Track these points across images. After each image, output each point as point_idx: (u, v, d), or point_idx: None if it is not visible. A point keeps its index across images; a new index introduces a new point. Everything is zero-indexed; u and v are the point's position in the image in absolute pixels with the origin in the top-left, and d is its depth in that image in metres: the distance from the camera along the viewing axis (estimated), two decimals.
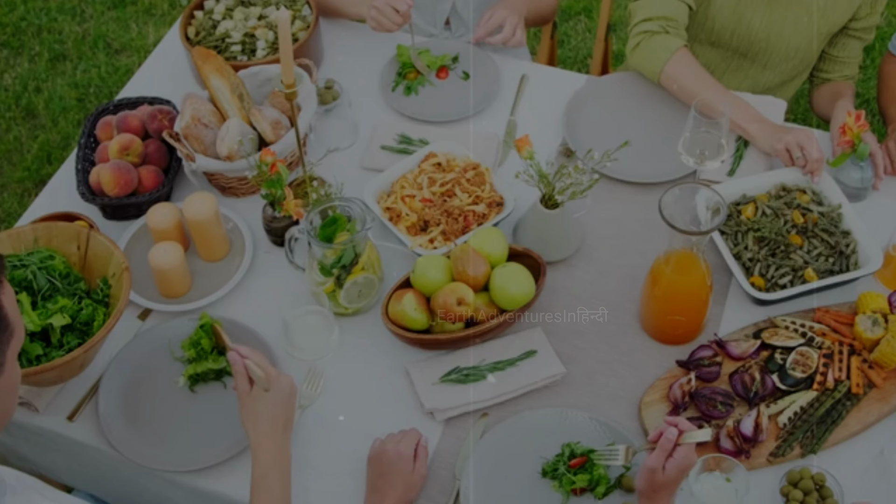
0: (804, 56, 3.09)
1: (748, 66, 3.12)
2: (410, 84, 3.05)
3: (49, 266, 2.41)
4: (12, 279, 2.36)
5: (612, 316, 2.56)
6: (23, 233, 2.48)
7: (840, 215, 2.66)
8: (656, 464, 2.06)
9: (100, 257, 2.47)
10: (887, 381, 2.43)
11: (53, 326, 2.34)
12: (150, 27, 5.04)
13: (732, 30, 3.04)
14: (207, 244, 2.65)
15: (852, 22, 3.06)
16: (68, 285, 2.42)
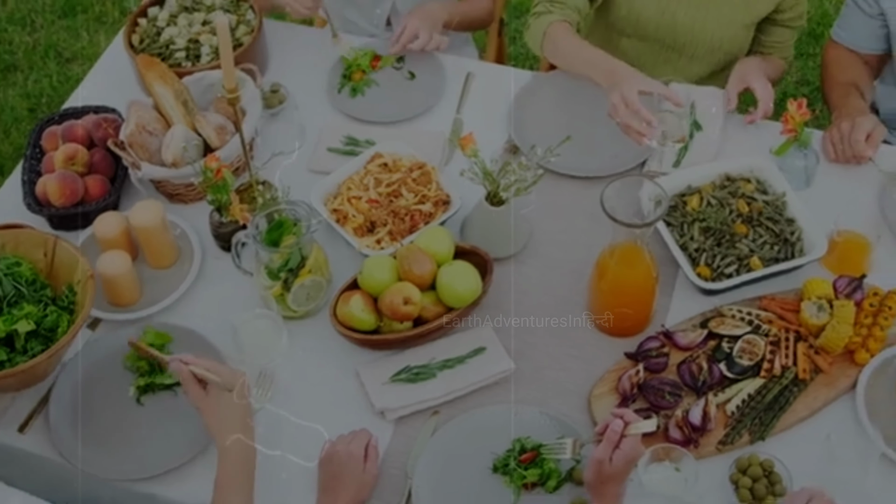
0: (729, 48, 3.12)
1: (676, 59, 3.15)
2: (356, 85, 3.05)
3: (15, 273, 2.40)
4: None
5: (561, 310, 2.57)
6: None
7: (784, 203, 2.68)
8: (603, 456, 2.07)
9: (65, 265, 2.46)
10: (833, 366, 2.45)
11: (18, 332, 2.33)
12: (101, 35, 5.01)
13: (657, 23, 3.07)
14: (155, 252, 2.64)
15: (778, 14, 3.09)
16: (34, 292, 2.41)
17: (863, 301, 2.50)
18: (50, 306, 2.41)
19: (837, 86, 3.09)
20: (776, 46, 3.18)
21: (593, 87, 2.99)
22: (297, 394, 2.46)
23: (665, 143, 2.64)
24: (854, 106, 2.96)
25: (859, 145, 2.77)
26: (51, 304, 2.42)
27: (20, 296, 2.39)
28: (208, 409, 2.16)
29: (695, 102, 2.92)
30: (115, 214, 2.65)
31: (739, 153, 2.83)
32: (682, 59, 3.14)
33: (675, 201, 2.68)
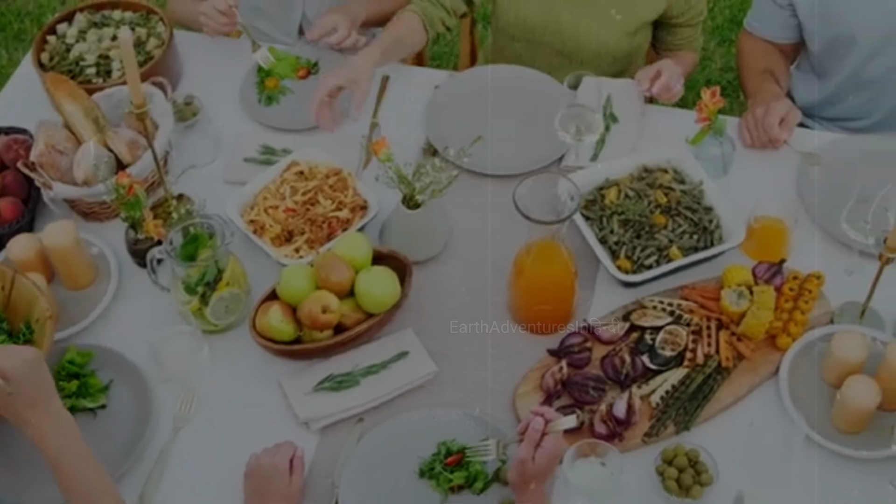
0: (616, 53, 3.14)
1: (567, 64, 3.15)
2: (271, 94, 3.03)
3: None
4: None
5: (483, 310, 2.56)
6: None
7: (702, 192, 2.68)
8: (526, 455, 2.06)
9: (24, 300, 2.41)
10: (756, 352, 2.46)
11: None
12: (20, 53, 4.95)
13: (544, 27, 3.09)
14: (71, 272, 2.61)
15: (673, 19, 3.12)
16: None
17: (783, 286, 2.52)
18: (7, 341, 2.36)
19: (753, 74, 3.12)
20: (682, 44, 3.21)
21: (510, 84, 3.01)
22: (221, 408, 2.44)
23: (581, 138, 2.63)
24: (769, 91, 2.98)
25: (773, 129, 2.79)
26: (7, 339, 2.37)
27: None
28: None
29: (611, 95, 2.93)
30: (28, 236, 2.61)
31: (656, 144, 2.84)
32: (573, 63, 3.14)
33: (593, 195, 2.68)
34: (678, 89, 2.88)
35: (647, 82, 2.86)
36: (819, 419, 2.35)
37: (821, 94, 3.19)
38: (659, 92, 2.85)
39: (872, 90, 3.08)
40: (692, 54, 3.26)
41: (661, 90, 2.84)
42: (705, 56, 4.90)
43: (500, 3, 3.15)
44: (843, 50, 3.03)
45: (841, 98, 3.15)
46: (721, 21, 5.04)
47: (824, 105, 3.20)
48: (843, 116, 3.17)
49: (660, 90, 2.84)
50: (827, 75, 3.14)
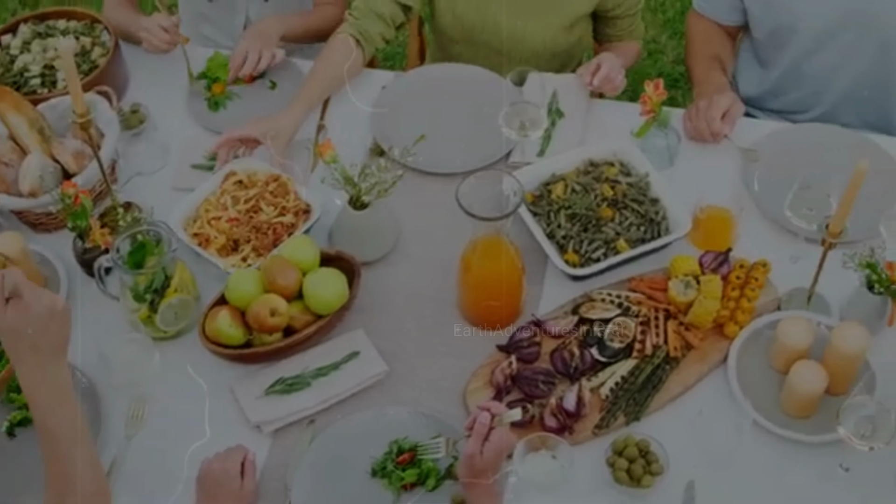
0: (554, 50, 3.16)
1: (507, 62, 3.16)
2: (217, 99, 3.03)
3: None
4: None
5: (432, 308, 2.58)
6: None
7: (648, 184, 2.70)
8: (474, 450, 2.08)
9: None
10: (704, 341, 2.48)
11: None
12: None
13: (482, 27, 3.10)
14: None
15: (610, 11, 3.14)
16: None
17: (729, 274, 2.54)
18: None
19: (701, 59, 3.13)
20: (623, 34, 3.23)
21: (453, 83, 3.02)
22: (172, 414, 2.44)
23: (526, 134, 2.64)
24: (715, 83, 3.00)
25: (715, 123, 2.81)
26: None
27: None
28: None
29: (556, 91, 2.95)
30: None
31: (602, 138, 2.85)
32: (513, 62, 3.16)
33: (540, 190, 2.69)
34: (620, 80, 2.90)
35: (589, 76, 2.88)
36: (768, 405, 2.38)
37: (764, 85, 3.22)
38: (600, 84, 2.86)
39: (812, 85, 3.11)
40: (635, 43, 3.28)
41: (603, 82, 2.86)
42: (657, 49, 4.92)
43: (438, 5, 3.16)
44: (785, 40, 3.05)
45: (783, 91, 3.17)
46: (672, 14, 5.06)
47: (767, 97, 3.23)
48: (786, 109, 3.19)
49: (601, 82, 2.86)
50: (769, 66, 3.16)
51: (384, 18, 3.04)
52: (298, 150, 2.87)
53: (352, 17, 3.05)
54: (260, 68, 3.05)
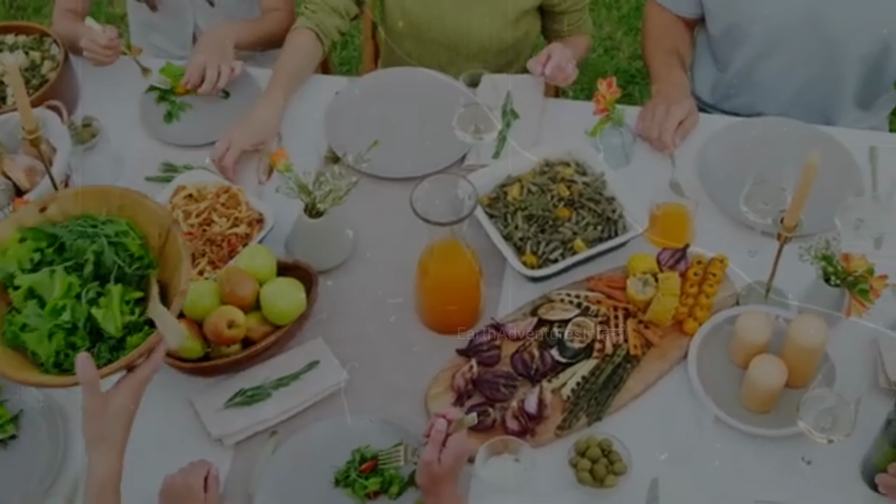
0: (500, 45, 3.16)
1: (456, 59, 3.17)
2: (171, 110, 3.01)
3: (122, 243, 2.08)
4: (69, 249, 2.07)
5: (392, 314, 2.57)
6: (111, 194, 2.17)
7: (604, 182, 2.70)
8: (431, 457, 2.07)
9: (170, 261, 2.12)
10: (664, 338, 2.48)
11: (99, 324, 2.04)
12: None
13: (429, 23, 3.10)
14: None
15: (556, 6, 3.14)
16: (138, 269, 2.10)
17: (687, 271, 2.54)
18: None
19: (659, 52, 3.12)
20: (572, 29, 3.23)
21: (407, 87, 3.01)
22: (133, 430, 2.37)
23: (480, 137, 2.64)
24: (675, 81, 3.00)
25: (667, 135, 2.83)
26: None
27: (121, 276, 2.07)
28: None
29: (510, 91, 2.94)
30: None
31: (557, 138, 2.85)
32: (461, 58, 3.16)
33: (496, 192, 2.69)
34: (571, 69, 2.89)
35: (539, 66, 2.87)
36: (729, 401, 2.38)
37: (718, 88, 3.22)
38: (552, 74, 2.85)
39: (759, 91, 3.12)
40: (584, 38, 3.28)
41: (555, 72, 2.85)
42: (613, 45, 4.93)
43: (387, 1, 3.16)
44: (740, 39, 3.06)
45: (736, 93, 3.18)
46: (627, 10, 5.07)
47: (721, 98, 3.23)
48: (736, 112, 3.20)
49: (553, 71, 2.85)
50: (724, 66, 3.17)
51: (338, 11, 3.07)
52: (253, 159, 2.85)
53: (308, 10, 3.06)
54: (220, 86, 3.01)
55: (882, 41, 2.92)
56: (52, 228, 2.08)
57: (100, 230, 2.07)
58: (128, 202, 2.14)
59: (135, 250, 2.07)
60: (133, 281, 2.06)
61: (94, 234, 2.06)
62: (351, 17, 3.11)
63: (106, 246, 2.05)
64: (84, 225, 2.08)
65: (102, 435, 1.97)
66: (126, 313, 2.01)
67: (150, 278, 2.07)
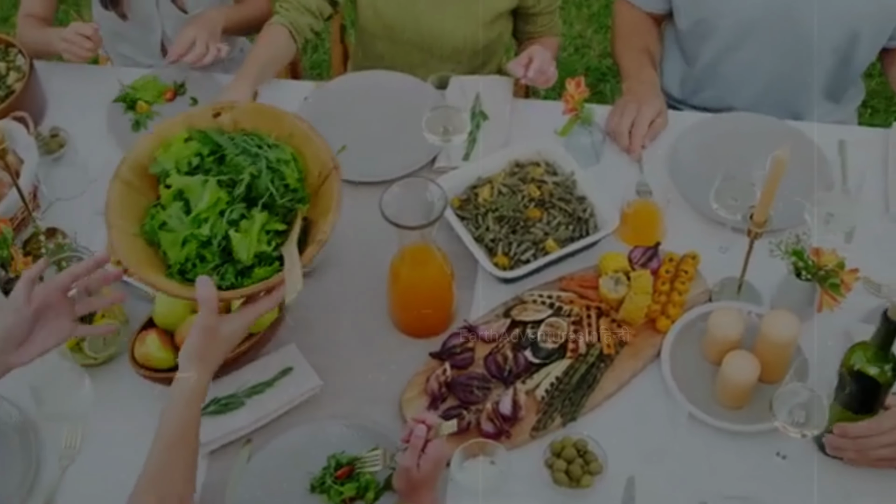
0: (474, 46, 3.16)
1: (429, 60, 3.17)
2: (139, 119, 3.00)
3: (281, 171, 2.07)
4: (228, 163, 2.07)
5: (365, 319, 2.56)
6: (284, 119, 2.17)
7: (574, 182, 2.70)
8: (410, 463, 2.07)
9: (321, 204, 2.10)
10: (637, 337, 2.48)
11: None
12: None
13: (403, 24, 3.10)
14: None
15: (529, 9, 3.15)
16: (288, 201, 2.08)
17: (659, 268, 2.54)
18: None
19: (629, 50, 3.13)
20: (543, 31, 3.24)
21: (375, 90, 3.01)
22: (107, 441, 2.41)
23: (449, 139, 2.63)
24: (645, 81, 3.00)
25: (637, 140, 2.84)
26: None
27: (270, 203, 2.05)
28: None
29: (479, 93, 2.94)
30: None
31: (527, 138, 2.85)
32: (434, 59, 3.16)
33: (467, 194, 2.69)
34: (552, 72, 2.89)
35: (521, 69, 2.86)
36: (702, 397, 2.39)
37: (687, 82, 3.23)
38: (535, 76, 2.84)
39: (728, 85, 3.13)
40: (554, 38, 3.30)
41: (537, 74, 2.84)
42: (583, 44, 4.94)
43: (360, 1, 3.15)
44: (707, 35, 3.07)
45: (703, 87, 3.19)
46: (597, 8, 5.08)
47: (690, 93, 3.24)
48: (705, 106, 3.20)
49: (535, 74, 2.84)
50: (692, 60, 3.18)
51: (311, 11, 3.08)
52: None
53: (282, 8, 3.07)
54: (205, 62, 3.04)
55: (851, 32, 2.93)
56: (219, 137, 2.07)
57: (263, 152, 2.05)
58: (298, 132, 2.13)
59: (291, 182, 2.06)
60: (280, 212, 2.05)
61: (257, 154, 2.05)
62: (325, 17, 3.12)
63: (264, 170, 2.03)
64: (250, 143, 2.07)
65: (203, 354, 1.98)
66: (262, 242, 2.01)
67: (297, 214, 2.05)
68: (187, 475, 1.99)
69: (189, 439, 1.99)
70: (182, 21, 3.27)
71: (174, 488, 1.97)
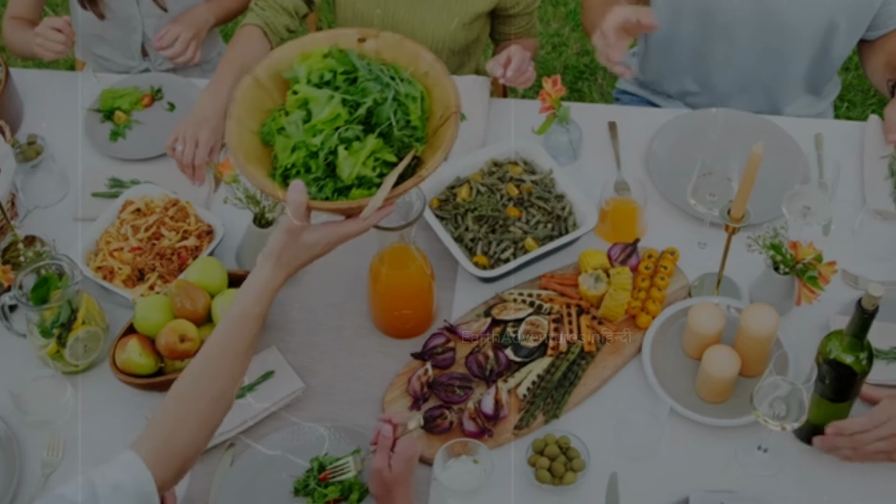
0: (452, 46, 3.16)
1: None
2: (117, 129, 2.99)
3: (406, 106, 2.04)
4: (357, 86, 2.05)
5: (346, 321, 2.56)
6: (423, 59, 2.12)
7: (552, 180, 2.71)
8: (381, 464, 2.07)
9: (433, 145, 2.07)
10: (618, 333, 2.49)
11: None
12: None
13: (381, 23, 3.09)
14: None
15: (509, 10, 3.15)
16: (405, 136, 2.04)
17: (638, 265, 2.55)
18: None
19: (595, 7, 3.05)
20: (521, 32, 3.25)
21: None
22: (89, 448, 2.40)
23: None
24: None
25: (612, 51, 2.67)
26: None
27: (386, 132, 2.03)
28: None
29: None
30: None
31: (504, 137, 2.86)
32: None
33: (445, 194, 2.69)
34: (531, 73, 2.88)
35: (500, 69, 2.86)
36: (684, 392, 2.40)
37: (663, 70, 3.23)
38: (514, 76, 2.84)
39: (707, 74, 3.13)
40: (533, 40, 3.30)
41: (516, 73, 2.84)
42: (560, 42, 4.95)
43: (338, 2, 3.16)
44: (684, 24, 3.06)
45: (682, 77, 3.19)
46: (574, 6, 5.09)
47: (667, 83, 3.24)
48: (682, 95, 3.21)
49: (514, 73, 2.84)
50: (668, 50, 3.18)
51: (287, 10, 3.07)
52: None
53: (257, 7, 3.06)
54: (180, 61, 3.11)
55: (829, 24, 2.94)
56: (357, 60, 2.08)
57: (394, 84, 2.04)
58: (433, 73, 2.12)
59: (413, 119, 2.04)
60: (395, 144, 2.03)
61: (387, 84, 2.03)
62: (301, 16, 3.12)
63: (390, 100, 2.02)
64: (385, 73, 2.05)
65: (281, 255, 1.98)
66: (367, 167, 1.99)
67: (411, 151, 2.04)
68: (236, 367, 1.98)
69: (245, 334, 1.97)
70: (164, 20, 3.27)
71: (215, 383, 1.97)
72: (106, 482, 1.79)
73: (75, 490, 1.78)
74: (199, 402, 1.93)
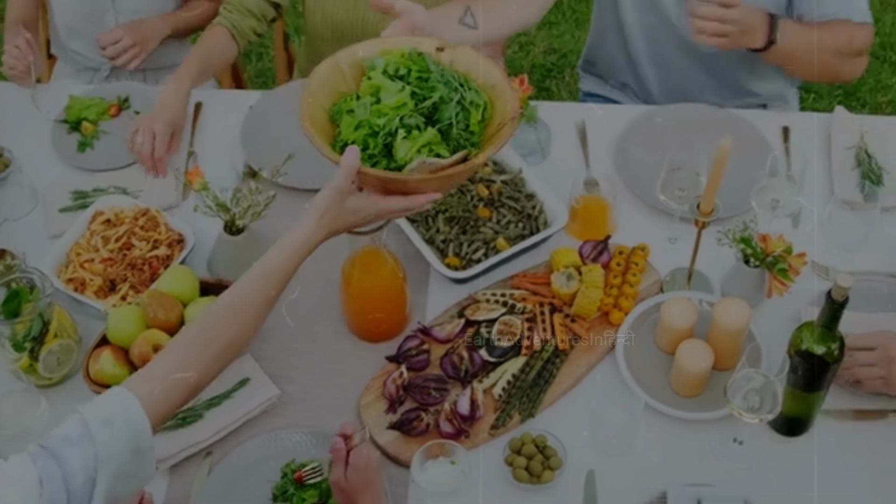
0: None
1: None
2: (84, 140, 2.97)
3: (468, 111, 2.16)
4: (426, 84, 2.17)
5: (320, 326, 2.56)
6: (492, 75, 2.25)
7: (522, 179, 2.72)
8: (338, 475, 2.07)
9: (484, 147, 2.17)
10: (591, 330, 2.50)
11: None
12: None
13: (350, 27, 3.10)
14: None
15: None
16: (461, 138, 2.15)
17: (610, 262, 2.56)
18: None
19: None
20: None
21: None
22: None
23: None
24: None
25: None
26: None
27: (445, 130, 2.14)
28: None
29: None
30: None
31: None
32: None
33: None
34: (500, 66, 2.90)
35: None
36: (658, 387, 2.41)
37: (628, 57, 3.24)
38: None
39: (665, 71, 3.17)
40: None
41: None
42: (527, 41, 4.96)
43: (307, 3, 3.16)
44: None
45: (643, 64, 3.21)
46: None
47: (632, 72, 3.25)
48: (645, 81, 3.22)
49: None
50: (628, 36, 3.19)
51: (254, 14, 3.09)
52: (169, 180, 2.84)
53: (225, 10, 3.09)
54: (118, 63, 3.20)
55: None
56: (434, 66, 2.18)
57: (462, 92, 2.16)
58: (498, 86, 2.23)
59: (473, 125, 2.15)
60: (451, 143, 2.13)
61: (455, 89, 2.15)
62: (268, 20, 3.13)
63: (454, 103, 2.13)
64: (456, 79, 2.17)
65: (325, 212, 2.05)
66: (422, 155, 2.08)
67: (463, 153, 2.12)
68: (252, 322, 2.02)
69: (275, 280, 2.04)
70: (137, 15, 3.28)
71: (226, 335, 1.99)
72: (97, 416, 1.83)
73: (69, 426, 1.82)
74: (209, 349, 1.96)
